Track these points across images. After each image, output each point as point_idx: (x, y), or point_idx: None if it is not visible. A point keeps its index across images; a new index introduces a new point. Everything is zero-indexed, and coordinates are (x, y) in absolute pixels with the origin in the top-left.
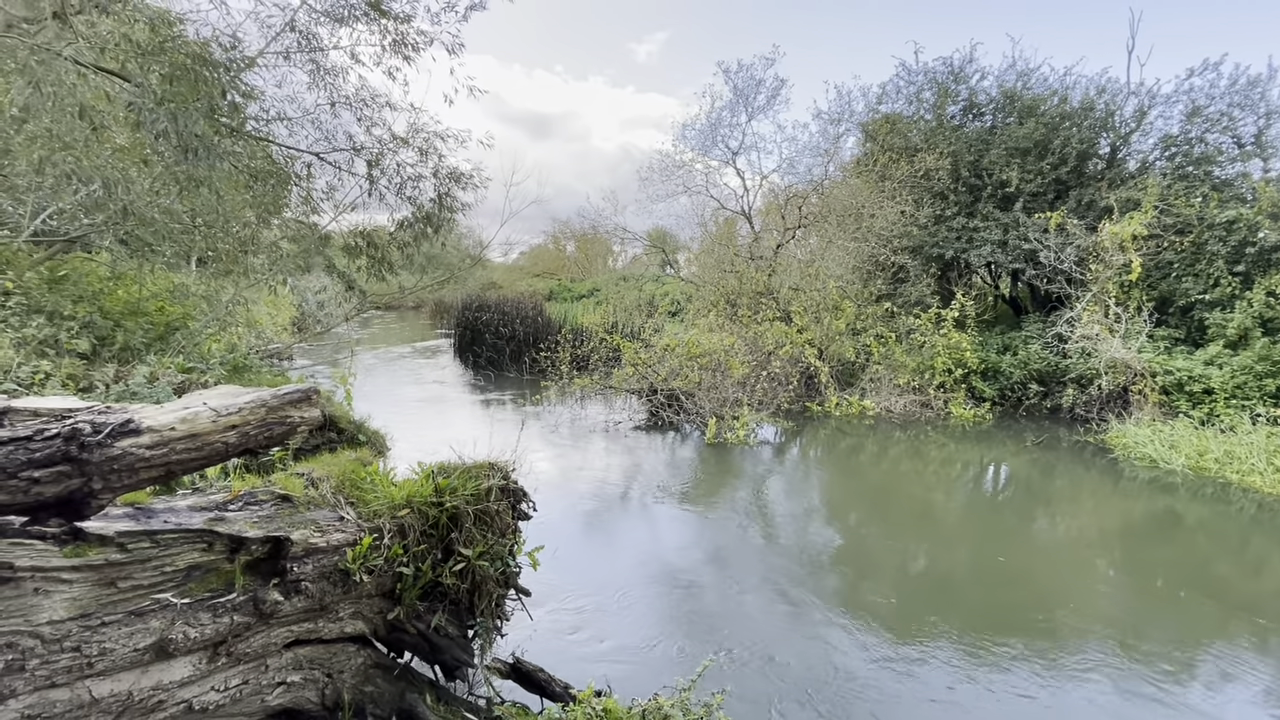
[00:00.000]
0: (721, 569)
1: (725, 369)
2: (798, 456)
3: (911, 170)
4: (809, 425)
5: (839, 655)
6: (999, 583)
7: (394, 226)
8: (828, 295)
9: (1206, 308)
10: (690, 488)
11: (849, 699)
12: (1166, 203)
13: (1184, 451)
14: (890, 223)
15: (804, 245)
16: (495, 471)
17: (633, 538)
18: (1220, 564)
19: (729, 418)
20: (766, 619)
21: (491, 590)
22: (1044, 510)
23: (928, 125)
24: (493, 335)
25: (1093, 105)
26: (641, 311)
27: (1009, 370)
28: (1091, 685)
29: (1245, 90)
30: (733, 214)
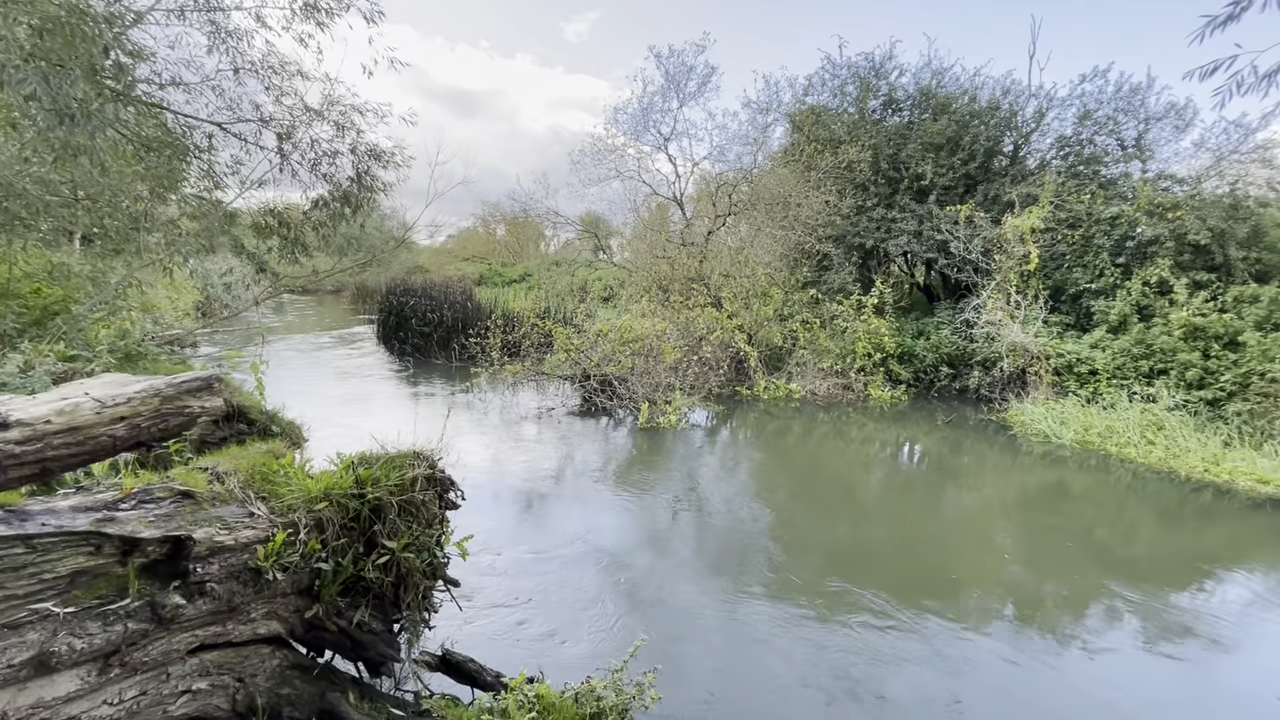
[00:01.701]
0: (656, 550)
1: (658, 354)
2: (728, 439)
3: (835, 161)
4: (739, 408)
5: (768, 625)
6: (913, 551)
7: (309, 205)
8: (757, 282)
9: (1093, 296)
10: (624, 472)
11: (777, 667)
12: (1061, 199)
13: (1072, 427)
14: (815, 212)
15: (734, 232)
16: (420, 461)
17: (567, 523)
18: (1101, 529)
19: (662, 402)
20: (700, 596)
21: (418, 582)
22: (952, 484)
23: (851, 118)
24: (419, 321)
25: (998, 105)
26: (574, 297)
27: (923, 354)
28: (992, 637)
29: (1128, 97)
30: (665, 200)
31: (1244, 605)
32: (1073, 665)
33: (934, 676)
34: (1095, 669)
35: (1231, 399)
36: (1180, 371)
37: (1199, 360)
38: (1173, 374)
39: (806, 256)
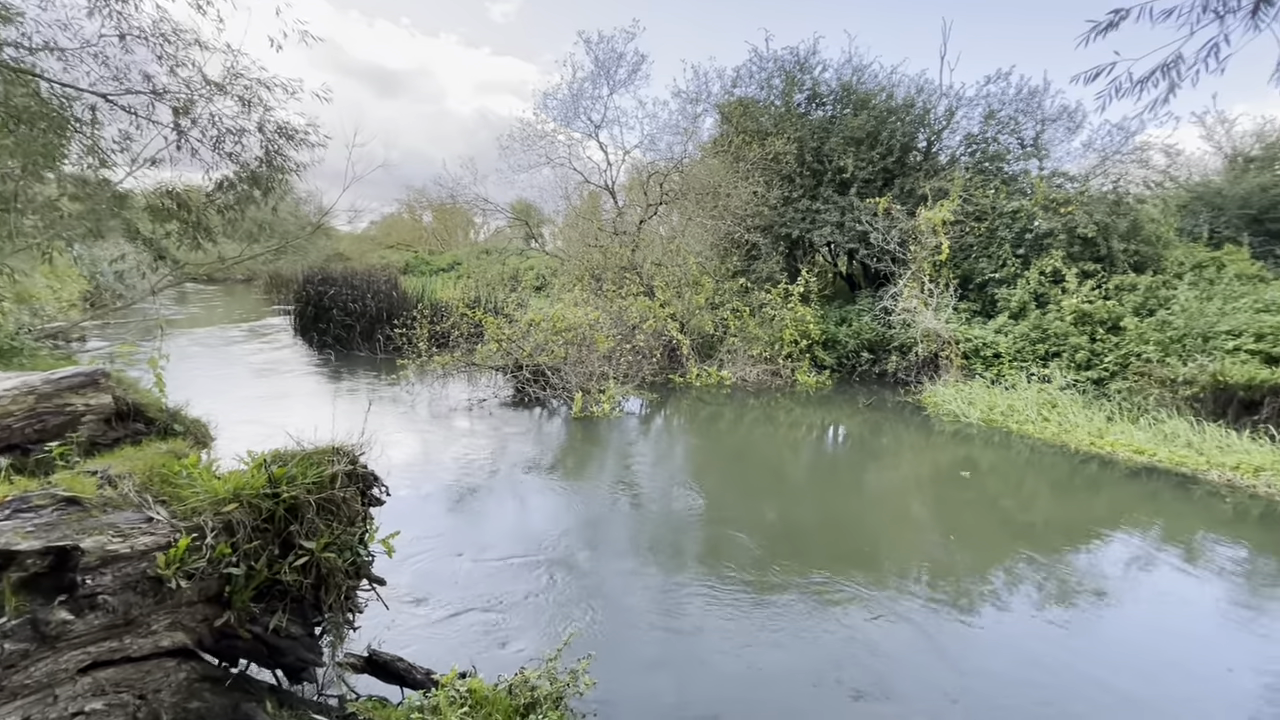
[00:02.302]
0: (592, 537)
1: (591, 343)
2: (662, 426)
3: (763, 153)
4: (672, 396)
5: (703, 606)
6: (841, 527)
7: (212, 187)
8: (688, 271)
9: (997, 285)
10: (558, 461)
11: (711, 646)
12: (968, 193)
13: (979, 407)
14: (744, 202)
15: (666, 222)
16: (340, 456)
17: (501, 514)
18: (1004, 500)
19: (595, 391)
20: (635, 581)
21: (340, 583)
22: (874, 463)
23: (777, 111)
24: (341, 312)
25: (913, 103)
26: (505, 286)
27: (846, 340)
28: (909, 600)
29: (1027, 99)
30: (597, 188)
31: (1125, 562)
32: (984, 621)
33: (861, 640)
34: (1002, 624)
35: (1113, 378)
36: (1071, 354)
37: (1086, 343)
38: (1064, 356)
39: (736, 246)
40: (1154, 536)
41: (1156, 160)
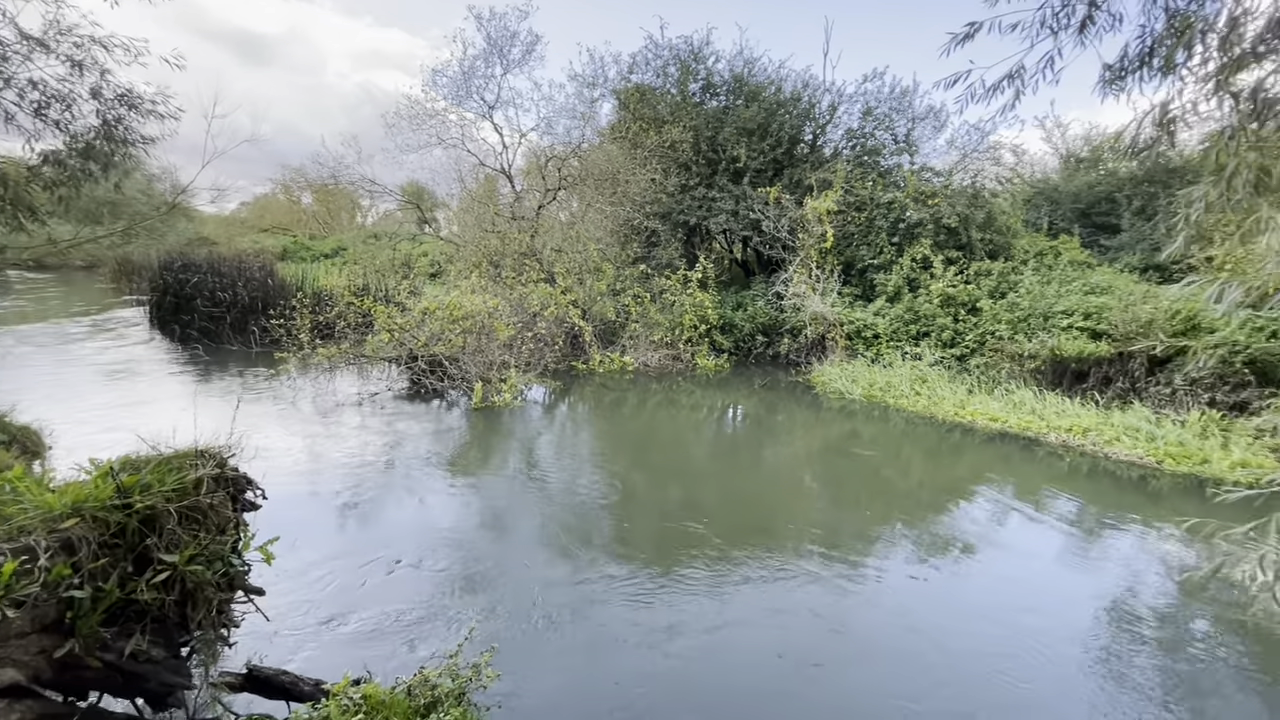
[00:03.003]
0: (496, 530)
1: (490, 331)
2: (566, 413)
3: (660, 140)
4: (575, 383)
5: (612, 590)
6: (742, 502)
7: (37, 159)
8: (589, 257)
9: (875, 270)
10: (459, 454)
11: (620, 632)
12: (849, 184)
13: (861, 385)
14: (643, 189)
15: (566, 207)
16: (206, 460)
17: (399, 512)
18: (884, 469)
19: (496, 381)
20: (544, 572)
21: (210, 597)
22: (769, 439)
23: (673, 99)
24: (206, 301)
25: (800, 97)
26: (397, 272)
27: (742, 325)
28: (806, 562)
29: (899, 98)
30: (493, 171)
31: (986, 517)
32: (871, 577)
33: (762, 605)
34: (888, 577)
35: (973, 355)
36: (938, 334)
37: (951, 324)
38: (933, 336)
39: (636, 233)
40: (1008, 493)
41: (1007, 158)
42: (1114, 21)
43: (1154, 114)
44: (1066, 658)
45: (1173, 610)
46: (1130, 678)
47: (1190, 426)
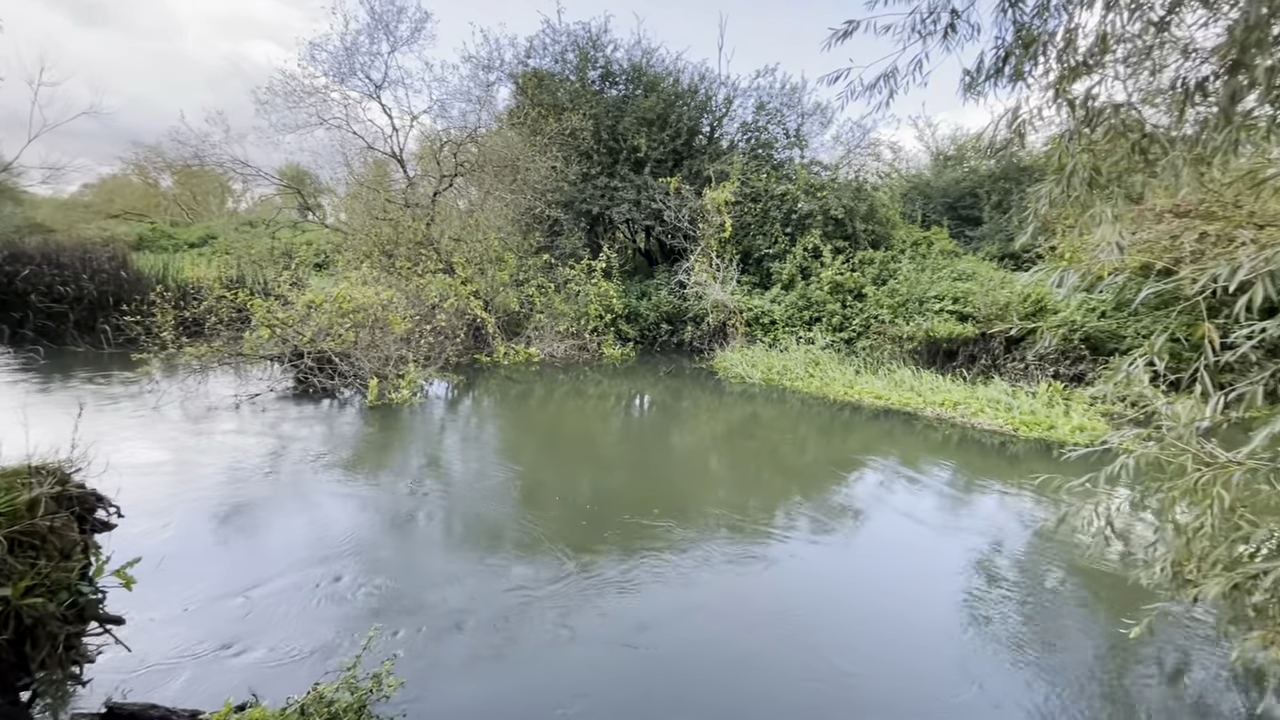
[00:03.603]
0: (399, 533)
1: (385, 325)
2: (471, 408)
3: (560, 128)
4: (480, 376)
5: (522, 585)
6: (652, 486)
7: None
8: (490, 246)
9: (771, 259)
10: (355, 456)
11: (529, 624)
12: (745, 176)
13: (760, 369)
14: (543, 177)
15: (464, 195)
16: (43, 476)
17: (287, 521)
18: (783, 446)
19: (393, 377)
20: (450, 572)
21: (55, 631)
22: (676, 425)
23: (572, 86)
24: (43, 297)
25: (696, 89)
26: (277, 263)
27: (646, 313)
28: (716, 539)
29: (790, 94)
30: (383, 156)
31: (874, 485)
32: (774, 549)
33: (675, 585)
34: (789, 548)
35: (859, 338)
36: (829, 319)
37: (839, 309)
38: (824, 321)
39: (538, 222)
40: (892, 464)
41: (886, 155)
42: (973, 31)
43: (1007, 118)
44: (944, 609)
45: (1028, 558)
46: (994, 621)
47: (1040, 397)
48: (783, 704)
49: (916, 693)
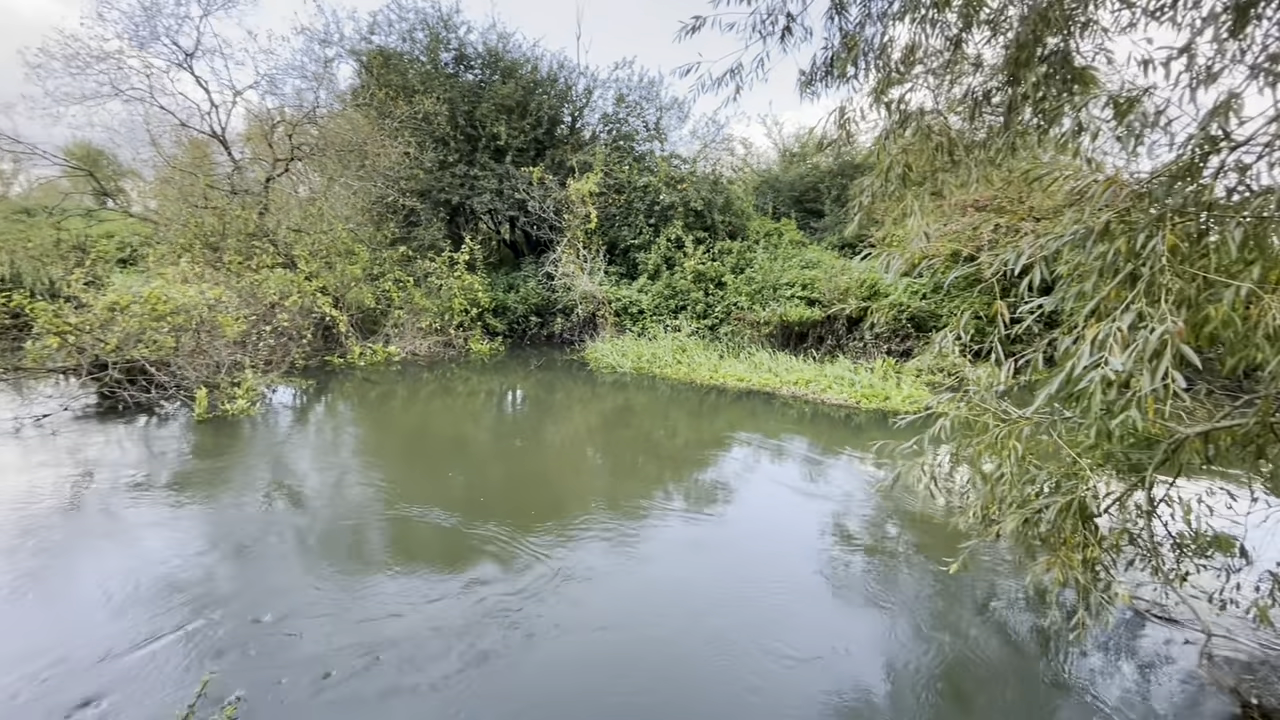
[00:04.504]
0: (239, 561)
1: (214, 327)
2: (324, 415)
3: (411, 111)
4: (333, 379)
5: (390, 599)
6: (527, 483)
7: None
8: (338, 238)
9: (636, 250)
10: (181, 478)
11: (402, 643)
12: (609, 168)
13: (630, 358)
14: (395, 163)
15: (304, 181)
16: None
17: (97, 561)
18: (656, 432)
19: (227, 386)
20: (304, 595)
21: None
22: (549, 418)
23: (423, 68)
24: None
25: (556, 78)
26: (66, 259)
27: (514, 306)
28: (592, 529)
29: (648, 88)
30: (202, 135)
31: (742, 463)
32: (652, 532)
33: (557, 580)
34: (667, 531)
35: (721, 324)
36: (693, 307)
37: (703, 297)
38: (689, 309)
39: (393, 211)
40: (755, 441)
41: (739, 150)
42: (807, 34)
43: (835, 116)
44: (802, 570)
45: (872, 516)
46: (846, 573)
47: (876, 372)
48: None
49: (787, 644)
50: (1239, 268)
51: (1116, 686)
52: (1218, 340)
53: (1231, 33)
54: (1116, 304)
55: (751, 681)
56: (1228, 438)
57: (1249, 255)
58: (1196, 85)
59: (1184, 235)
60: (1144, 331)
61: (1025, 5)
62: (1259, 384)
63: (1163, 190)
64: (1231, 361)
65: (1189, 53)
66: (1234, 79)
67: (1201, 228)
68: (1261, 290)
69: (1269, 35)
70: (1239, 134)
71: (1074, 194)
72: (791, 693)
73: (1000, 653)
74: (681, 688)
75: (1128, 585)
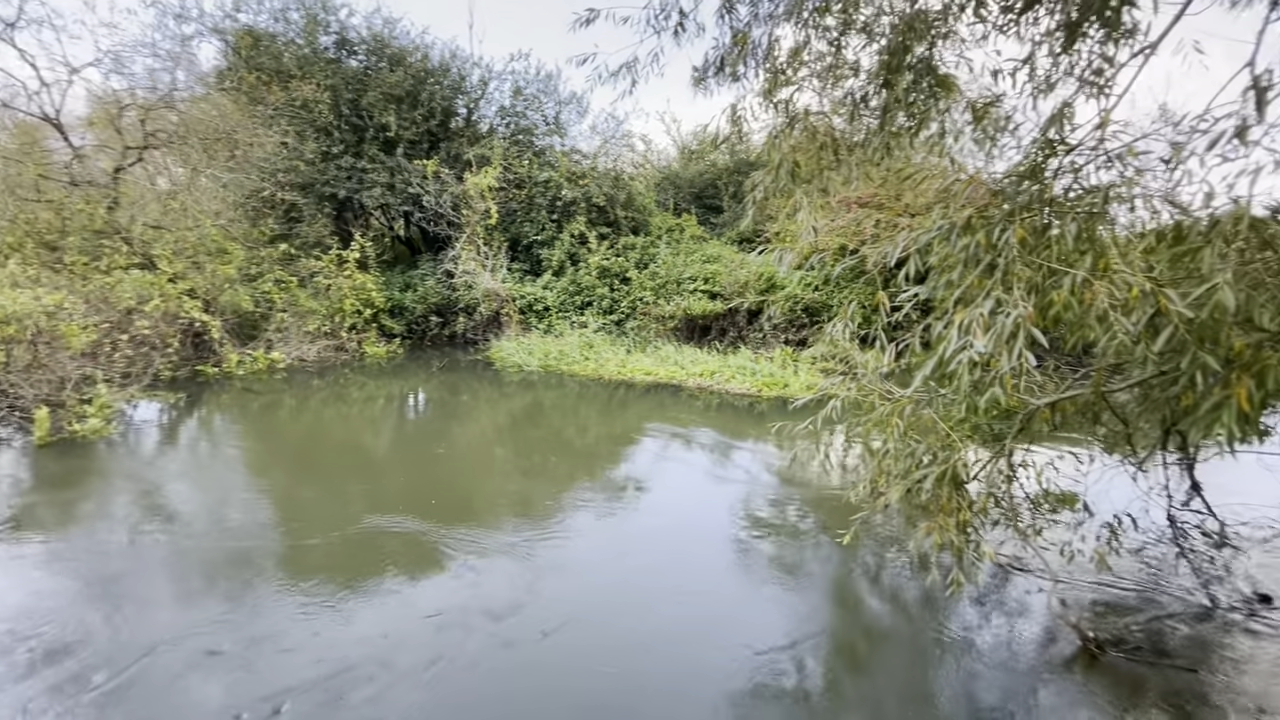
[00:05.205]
0: (99, 604)
1: (55, 338)
2: (198, 431)
3: (288, 98)
4: (208, 391)
5: (285, 624)
6: (434, 489)
7: None
8: (206, 235)
9: (540, 246)
10: (23, 516)
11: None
12: (508, 162)
13: (537, 356)
14: (271, 154)
15: (164, 172)
16: None
17: None
18: (567, 430)
19: (76, 404)
20: (185, 635)
21: None
22: (455, 421)
23: (300, 51)
24: None
25: (449, 68)
26: None
27: (412, 306)
28: (506, 530)
29: (546, 81)
30: (31, 118)
31: (653, 451)
32: (573, 530)
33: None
34: (571, 522)
35: (628, 319)
36: (599, 302)
37: (608, 293)
38: (595, 305)
39: (270, 206)
40: (666, 433)
41: (639, 146)
42: (700, 30)
43: (728, 113)
44: (717, 556)
45: (776, 495)
46: (754, 552)
47: (776, 361)
48: (586, 665)
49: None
50: (1076, 257)
51: (987, 634)
52: (1060, 322)
53: (1064, 48)
54: (979, 292)
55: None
56: (1071, 407)
57: (1082, 246)
58: (1037, 94)
59: (1031, 229)
60: (1002, 316)
61: (895, 15)
62: (1093, 359)
63: (1013, 189)
64: (1071, 340)
65: (1030, 65)
66: (1067, 89)
67: (1045, 222)
68: (1093, 277)
69: (1093, 52)
70: (1072, 139)
71: (941, 192)
72: (701, 662)
73: (889, 615)
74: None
75: (992, 543)
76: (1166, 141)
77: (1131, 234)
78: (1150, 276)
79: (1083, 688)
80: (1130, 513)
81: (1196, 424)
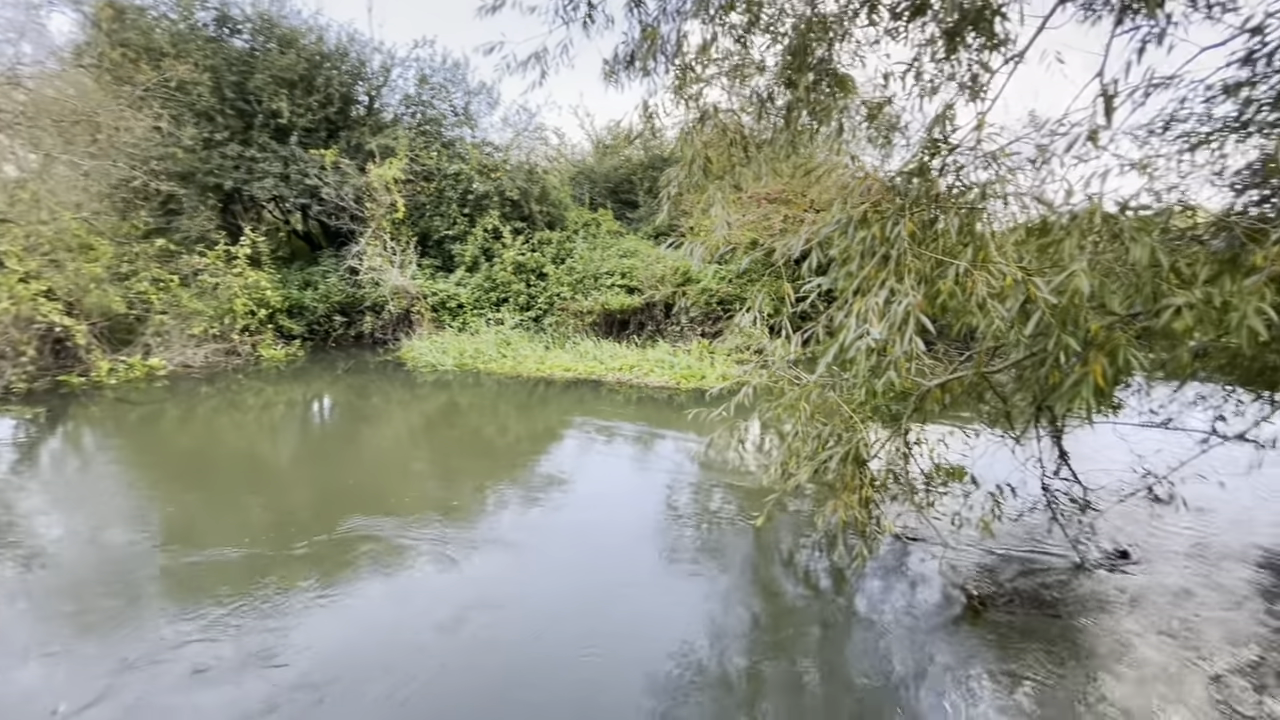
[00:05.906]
0: None
1: None
2: (62, 449)
3: (161, 78)
4: (72, 404)
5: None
6: (344, 498)
7: None
8: (65, 230)
9: (451, 241)
10: None
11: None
12: (414, 153)
13: (451, 354)
14: (142, 139)
15: (9, 158)
16: None
17: None
18: (485, 429)
19: None
20: (56, 671)
21: None
22: (366, 425)
23: (173, 27)
24: None
25: (346, 52)
26: None
27: (313, 305)
28: (428, 532)
29: (453, 70)
30: None
31: (575, 447)
32: (486, 527)
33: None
34: (497, 522)
35: (545, 315)
36: (515, 299)
37: (525, 289)
38: (511, 301)
39: (144, 198)
40: (588, 428)
41: (552, 140)
42: (609, 22)
43: (640, 108)
44: (644, 547)
45: (697, 483)
46: (681, 544)
47: (693, 353)
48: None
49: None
50: (959, 249)
51: (887, 601)
52: (947, 309)
53: (945, 54)
54: (875, 282)
55: (590, 642)
56: (958, 387)
57: (964, 239)
58: (924, 97)
59: (920, 223)
60: (895, 305)
61: (796, 16)
62: (976, 343)
63: (903, 185)
64: (957, 326)
65: (917, 69)
66: (949, 93)
67: (932, 217)
68: (974, 268)
69: (972, 59)
70: (954, 139)
71: (840, 188)
72: (622, 644)
73: (801, 590)
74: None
75: (891, 517)
76: (1034, 144)
77: (1005, 228)
78: (1021, 266)
79: (972, 642)
80: (1010, 483)
81: (1061, 399)
